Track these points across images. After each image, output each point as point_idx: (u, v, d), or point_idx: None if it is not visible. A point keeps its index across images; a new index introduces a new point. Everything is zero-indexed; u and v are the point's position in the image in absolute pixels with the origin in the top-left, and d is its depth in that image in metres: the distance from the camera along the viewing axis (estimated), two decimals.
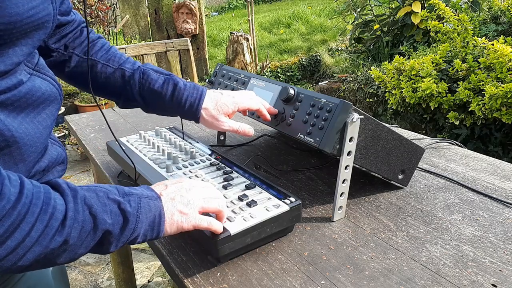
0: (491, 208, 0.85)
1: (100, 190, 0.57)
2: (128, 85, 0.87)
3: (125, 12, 5.53)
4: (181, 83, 0.86)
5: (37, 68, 0.63)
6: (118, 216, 0.56)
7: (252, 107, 0.89)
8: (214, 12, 9.61)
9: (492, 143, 2.21)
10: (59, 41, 0.86)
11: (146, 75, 0.87)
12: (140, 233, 0.59)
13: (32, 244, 0.50)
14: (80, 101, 4.25)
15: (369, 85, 3.31)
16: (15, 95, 0.57)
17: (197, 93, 0.86)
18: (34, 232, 0.50)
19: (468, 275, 0.66)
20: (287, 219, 0.74)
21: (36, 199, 0.51)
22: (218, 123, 0.87)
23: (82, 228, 0.53)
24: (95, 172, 1.66)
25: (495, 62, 2.11)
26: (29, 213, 0.49)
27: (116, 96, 0.90)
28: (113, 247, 0.58)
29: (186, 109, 0.86)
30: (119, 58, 0.89)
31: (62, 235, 0.52)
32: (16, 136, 0.57)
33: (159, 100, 0.87)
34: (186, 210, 0.63)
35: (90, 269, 2.19)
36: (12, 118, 0.57)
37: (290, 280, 0.66)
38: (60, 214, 0.52)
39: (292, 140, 1.22)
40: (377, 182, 0.98)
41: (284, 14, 6.93)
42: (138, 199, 0.59)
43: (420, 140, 1.20)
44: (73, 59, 0.87)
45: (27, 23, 0.54)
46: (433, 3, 2.64)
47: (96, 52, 0.89)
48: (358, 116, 0.76)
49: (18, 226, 0.48)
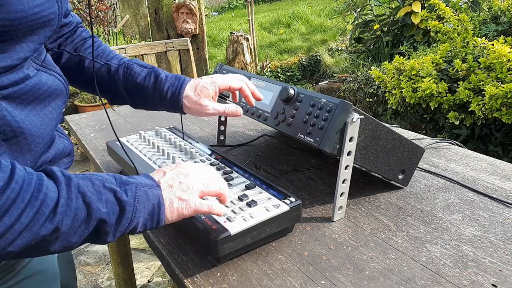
0: (491, 208, 0.85)
1: (96, 179, 0.57)
2: (113, 80, 0.89)
3: (125, 12, 5.53)
4: (163, 74, 0.87)
5: (44, 64, 0.66)
6: (114, 205, 0.56)
7: (233, 85, 0.86)
8: (214, 12, 9.61)
9: (492, 143, 2.21)
10: (55, 41, 0.89)
11: (129, 69, 0.88)
12: (139, 223, 0.59)
13: (22, 230, 0.50)
14: (80, 101, 4.25)
15: (369, 85, 3.31)
16: (22, 88, 0.59)
17: (178, 83, 0.86)
18: (24, 218, 0.50)
19: (468, 275, 0.66)
20: (287, 219, 0.74)
21: (27, 185, 0.51)
22: (201, 108, 0.84)
23: (75, 216, 0.53)
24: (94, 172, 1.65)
25: (495, 62, 2.11)
26: (19, 199, 0.50)
27: (104, 92, 0.91)
28: (110, 237, 0.57)
29: (168, 99, 0.86)
30: (107, 55, 0.91)
31: (53, 222, 0.52)
32: (23, 127, 0.59)
33: (142, 93, 0.88)
34: (185, 196, 0.62)
35: (90, 269, 2.19)
36: (19, 110, 0.59)
37: (290, 280, 0.66)
38: (51, 201, 0.52)
39: (292, 140, 1.22)
40: (377, 182, 0.98)
41: (284, 14, 6.93)
42: (136, 188, 0.59)
43: (420, 140, 1.20)
44: (63, 55, 0.90)
45: (32, 19, 0.56)
46: (433, 3, 2.64)
47: (85, 49, 0.91)
48: (358, 116, 0.76)
49: (7, 211, 0.49)
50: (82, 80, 0.91)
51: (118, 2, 5.69)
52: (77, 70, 0.89)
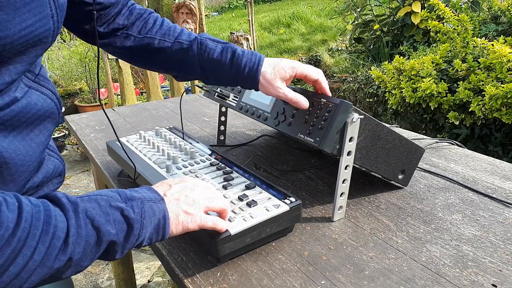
0: (491, 208, 0.85)
1: (102, 199, 0.56)
2: (187, 57, 0.86)
3: None
4: (239, 50, 0.85)
5: (37, 79, 0.61)
6: (122, 224, 0.55)
7: (311, 74, 0.85)
8: (214, 12, 9.61)
9: (492, 143, 2.21)
10: (108, 26, 0.85)
11: (204, 45, 0.85)
12: (145, 238, 0.58)
13: (36, 267, 0.49)
14: (80, 101, 4.25)
15: (369, 85, 3.31)
16: (7, 114, 0.54)
17: (255, 58, 0.84)
18: (37, 255, 0.48)
19: (468, 275, 0.66)
20: (287, 219, 0.74)
21: (36, 220, 0.49)
22: (273, 89, 0.84)
23: (86, 242, 0.52)
24: (95, 172, 1.65)
25: (495, 62, 2.11)
26: (30, 237, 0.48)
27: (175, 70, 0.89)
28: (119, 254, 0.57)
29: (245, 74, 0.84)
30: (173, 31, 0.88)
31: (66, 253, 0.51)
32: (6, 157, 0.55)
33: (218, 69, 0.85)
34: (191, 210, 0.63)
35: (90, 269, 2.19)
36: (2, 138, 0.54)
37: (290, 280, 0.66)
38: (62, 232, 0.50)
39: (292, 140, 1.22)
40: (377, 182, 0.98)
41: (284, 14, 6.93)
42: (141, 203, 0.58)
43: (420, 140, 1.20)
44: (129, 39, 0.87)
45: (19, 43, 0.51)
46: (433, 3, 2.64)
47: (150, 29, 0.87)
48: (358, 116, 0.76)
49: (19, 252, 0.47)
50: (152, 61, 0.88)
51: None
52: (151, 53, 0.86)
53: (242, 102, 1.02)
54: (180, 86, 2.92)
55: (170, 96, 2.91)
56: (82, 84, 4.46)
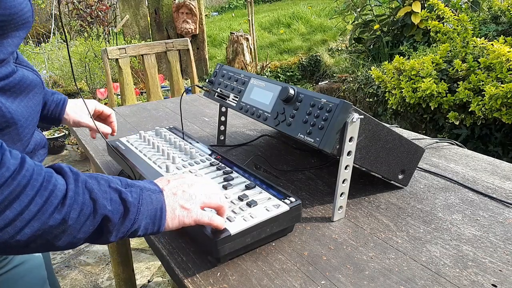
0: (491, 208, 0.85)
1: (102, 178, 0.58)
2: None
3: (125, 12, 5.53)
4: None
5: (19, 61, 0.70)
6: (118, 204, 0.57)
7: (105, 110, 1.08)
8: (214, 12, 9.61)
9: (492, 143, 2.21)
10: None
11: None
12: (141, 225, 0.59)
13: (31, 218, 0.50)
14: None
15: (369, 85, 3.31)
16: (12, 81, 0.64)
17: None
18: (33, 206, 0.50)
19: (468, 275, 0.66)
20: (287, 219, 0.74)
21: (37, 174, 0.52)
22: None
23: (81, 211, 0.54)
24: (95, 172, 1.65)
25: (495, 62, 2.11)
26: (29, 186, 0.50)
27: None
28: (113, 237, 0.57)
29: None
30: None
31: (61, 213, 0.52)
32: (15, 118, 0.64)
33: None
34: (188, 205, 0.64)
35: (90, 269, 2.19)
36: (11, 102, 0.64)
37: (290, 280, 0.66)
38: (60, 192, 0.53)
39: (292, 140, 1.22)
40: (377, 182, 0.98)
41: (284, 14, 6.93)
42: (140, 190, 0.60)
43: (420, 140, 1.20)
44: None
45: (20, 15, 0.60)
46: (432, 3, 2.64)
47: None
48: (358, 116, 0.76)
49: (17, 197, 0.49)
50: None
51: (118, 2, 5.69)
52: None
53: (242, 102, 1.02)
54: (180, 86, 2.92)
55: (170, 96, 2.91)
56: (82, 84, 4.46)
